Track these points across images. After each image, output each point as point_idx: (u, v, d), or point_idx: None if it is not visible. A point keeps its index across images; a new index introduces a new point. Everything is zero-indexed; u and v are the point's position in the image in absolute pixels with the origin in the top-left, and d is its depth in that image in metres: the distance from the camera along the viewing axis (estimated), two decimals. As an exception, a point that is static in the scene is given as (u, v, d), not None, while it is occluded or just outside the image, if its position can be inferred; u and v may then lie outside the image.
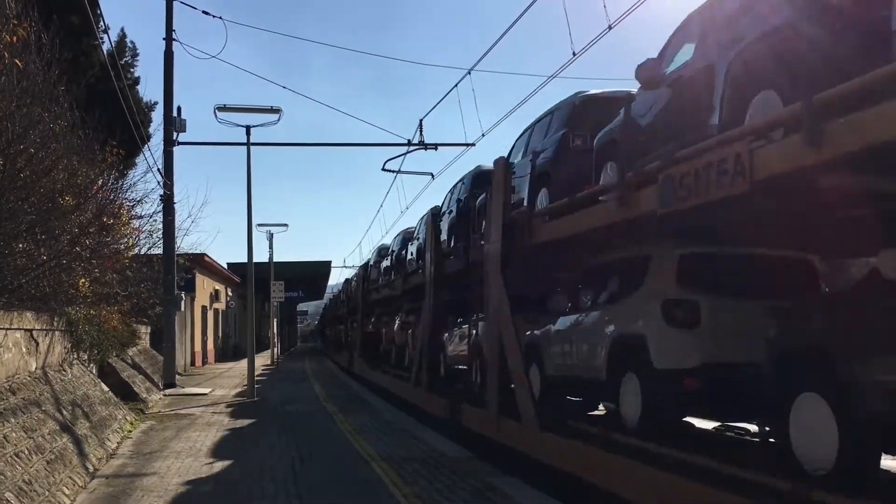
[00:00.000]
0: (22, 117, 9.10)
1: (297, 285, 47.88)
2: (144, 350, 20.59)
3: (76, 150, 11.40)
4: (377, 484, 8.04)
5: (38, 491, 6.70)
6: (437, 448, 10.36)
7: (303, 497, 7.53)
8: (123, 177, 17.29)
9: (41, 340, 10.02)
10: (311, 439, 11.30)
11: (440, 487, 7.81)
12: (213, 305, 36.41)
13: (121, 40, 20.69)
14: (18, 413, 7.74)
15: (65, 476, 7.67)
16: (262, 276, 31.86)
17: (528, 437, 8.65)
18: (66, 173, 10.68)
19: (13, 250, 9.48)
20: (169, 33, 19.76)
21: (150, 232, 19.04)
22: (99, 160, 12.38)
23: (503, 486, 7.77)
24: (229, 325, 43.93)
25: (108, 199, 13.35)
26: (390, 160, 21.43)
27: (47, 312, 10.44)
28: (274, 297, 35.25)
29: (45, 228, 10.16)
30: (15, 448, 6.94)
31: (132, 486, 8.09)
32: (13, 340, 8.74)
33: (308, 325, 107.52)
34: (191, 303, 28.83)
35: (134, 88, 20.18)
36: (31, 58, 9.60)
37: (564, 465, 7.67)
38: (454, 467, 8.92)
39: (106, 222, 12.28)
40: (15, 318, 8.82)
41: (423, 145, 20.51)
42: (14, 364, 8.76)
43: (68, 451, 8.38)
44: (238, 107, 17.79)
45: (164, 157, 19.50)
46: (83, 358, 12.79)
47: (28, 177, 9.43)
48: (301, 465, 9.17)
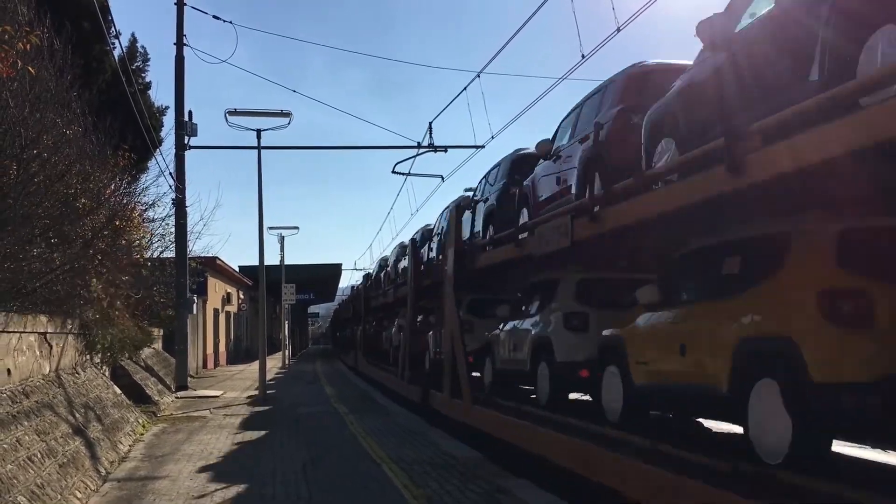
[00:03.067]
0: (35, 122, 9.19)
1: (308, 288, 47.94)
2: (157, 353, 20.70)
3: (89, 155, 11.49)
4: (388, 486, 8.06)
5: (51, 494, 6.75)
6: (447, 450, 10.37)
7: (314, 499, 7.57)
8: (136, 181, 17.43)
9: (54, 343, 10.10)
10: (321, 441, 11.34)
11: (451, 489, 7.82)
12: (225, 308, 36.56)
13: (132, 45, 20.79)
14: (32, 416, 7.81)
15: (77, 479, 7.72)
16: (274, 279, 32.00)
17: (464, 410, 11.71)
18: (80, 178, 10.77)
19: (28, 254, 9.56)
20: (180, 38, 19.85)
21: (163, 235, 19.19)
22: (111, 164, 12.47)
23: (513, 489, 7.77)
24: (241, 328, 44.09)
25: (121, 202, 13.45)
26: (400, 163, 21.60)
27: (61, 315, 10.52)
28: (285, 300, 35.36)
29: (58, 232, 10.24)
30: (28, 451, 7.00)
31: (144, 489, 8.14)
32: (27, 343, 8.81)
33: (319, 328, 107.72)
34: (203, 306, 28.95)
35: (145, 93, 20.28)
36: (43, 64, 9.69)
37: (485, 427, 10.63)
38: (464, 469, 8.93)
39: (119, 226, 12.37)
40: (29, 322, 8.90)
41: (432, 148, 20.55)
42: (28, 367, 8.83)
43: (81, 454, 8.44)
44: (249, 111, 17.90)
45: (176, 162, 19.60)
46: (96, 360, 12.87)
47: (42, 181, 9.52)
48: (312, 468, 9.20)
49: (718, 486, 5.19)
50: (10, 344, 8.17)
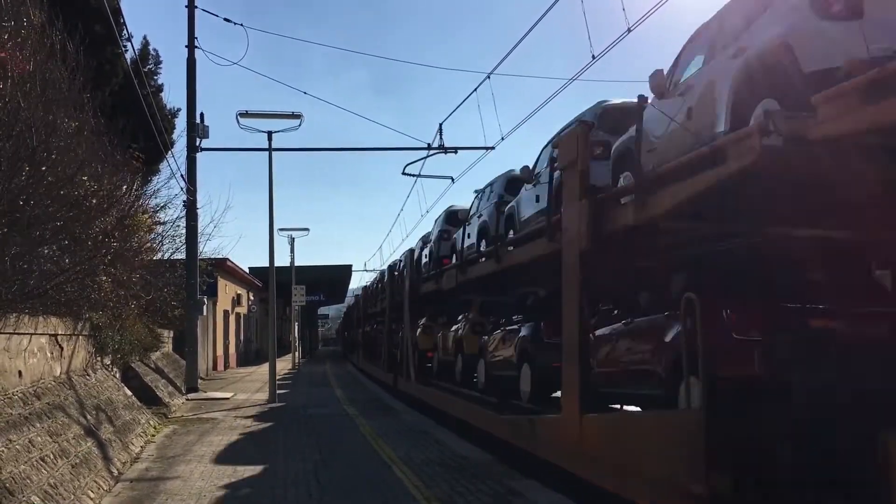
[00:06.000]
0: (47, 124, 9.22)
1: (317, 289, 48.01)
2: (167, 354, 20.76)
3: (101, 157, 11.52)
4: (399, 487, 8.06)
5: (64, 495, 6.78)
6: (458, 451, 10.38)
7: (325, 500, 7.56)
8: (147, 182, 17.47)
9: (65, 345, 10.14)
10: (332, 443, 11.34)
11: (462, 490, 7.82)
12: (235, 310, 36.64)
13: (144, 48, 20.83)
14: (44, 417, 7.84)
15: (90, 480, 7.75)
16: (284, 280, 32.03)
17: (413, 388, 17.22)
18: (91, 179, 10.80)
19: (39, 256, 9.59)
20: (191, 41, 19.91)
21: (174, 237, 19.23)
22: (122, 166, 12.50)
23: (524, 490, 7.78)
24: (251, 330, 44.17)
25: (132, 204, 13.47)
26: (410, 164, 21.58)
27: (71, 317, 10.56)
28: (295, 302, 35.41)
29: (69, 234, 10.27)
30: (41, 452, 7.03)
31: (156, 489, 8.16)
32: (38, 345, 8.85)
33: (329, 329, 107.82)
34: (213, 307, 29.02)
35: (158, 95, 20.34)
36: (56, 66, 9.72)
37: (422, 396, 16.21)
38: (475, 470, 8.93)
39: (130, 227, 12.39)
40: (40, 324, 8.94)
41: (442, 149, 20.52)
42: (39, 369, 8.87)
43: (93, 454, 8.47)
44: (260, 113, 17.94)
45: (188, 164, 19.65)
46: (107, 362, 12.92)
47: (53, 183, 9.54)
48: (323, 469, 9.21)
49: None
50: (22, 346, 8.20)
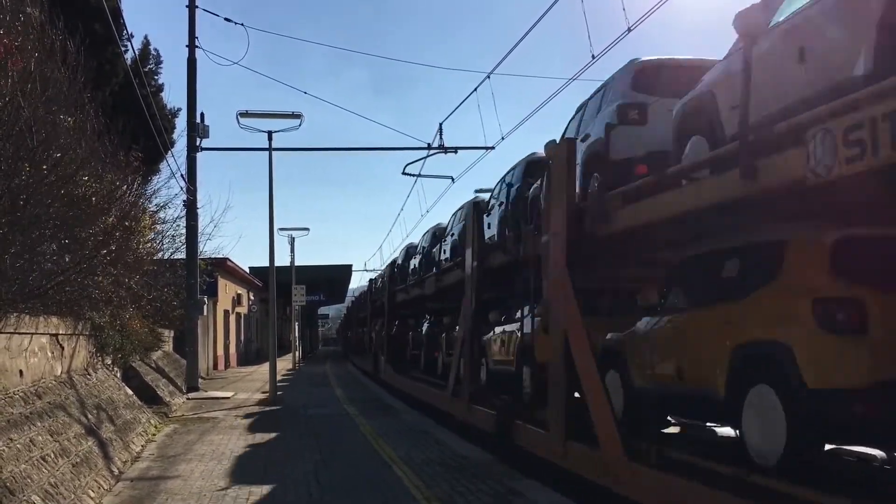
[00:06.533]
0: (47, 123, 9.22)
1: (318, 289, 48.00)
2: (168, 354, 20.77)
3: (101, 157, 11.52)
4: (399, 487, 8.06)
5: (64, 494, 6.78)
6: (458, 451, 10.38)
7: (325, 499, 7.57)
8: (147, 182, 17.47)
9: (66, 345, 10.14)
10: (332, 443, 11.34)
11: (462, 490, 7.82)
12: (236, 309, 36.64)
13: (144, 48, 20.83)
14: (45, 417, 7.84)
15: (90, 479, 7.75)
16: (284, 280, 32.02)
17: (388, 377, 20.67)
18: (92, 179, 10.80)
19: (39, 255, 9.60)
20: (192, 41, 19.91)
21: (174, 236, 19.23)
22: (123, 165, 12.50)
23: (524, 490, 7.78)
24: (251, 329, 44.17)
25: (133, 203, 13.47)
26: (410, 164, 21.58)
27: (72, 317, 10.56)
28: (295, 301, 35.41)
29: (70, 233, 10.27)
30: (41, 451, 7.03)
31: (157, 489, 8.17)
32: (39, 345, 8.85)
33: (329, 329, 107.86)
34: (213, 307, 29.02)
35: (158, 95, 20.34)
36: (56, 65, 9.72)
37: (399, 385, 19.24)
38: (475, 470, 8.93)
39: (130, 226, 12.39)
40: (41, 323, 8.94)
41: (442, 149, 20.53)
42: (40, 368, 8.88)
43: (93, 454, 8.48)
44: (260, 112, 17.94)
45: (188, 164, 19.64)
46: (107, 362, 12.92)
47: (53, 182, 9.54)
48: (324, 469, 9.21)
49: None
50: (23, 345, 8.21)
